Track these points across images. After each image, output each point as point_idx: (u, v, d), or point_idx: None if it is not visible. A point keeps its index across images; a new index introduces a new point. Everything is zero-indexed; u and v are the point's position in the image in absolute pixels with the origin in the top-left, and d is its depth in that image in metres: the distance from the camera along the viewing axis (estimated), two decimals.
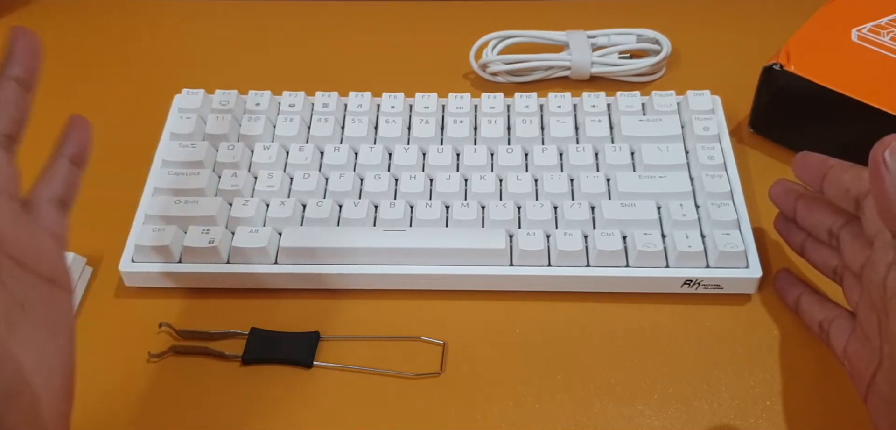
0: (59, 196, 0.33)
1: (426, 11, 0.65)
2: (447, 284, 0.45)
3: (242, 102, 0.53)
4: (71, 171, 0.33)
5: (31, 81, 0.32)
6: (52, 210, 0.32)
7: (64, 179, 0.33)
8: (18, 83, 0.31)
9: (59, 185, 0.33)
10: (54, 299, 0.30)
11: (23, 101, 0.31)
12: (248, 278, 0.45)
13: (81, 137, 0.34)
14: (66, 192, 0.33)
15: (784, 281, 0.45)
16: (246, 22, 0.65)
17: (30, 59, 0.32)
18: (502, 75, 0.58)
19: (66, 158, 0.33)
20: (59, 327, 0.30)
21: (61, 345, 0.30)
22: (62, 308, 0.31)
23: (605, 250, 0.44)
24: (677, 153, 0.49)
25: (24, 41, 0.32)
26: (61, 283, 0.31)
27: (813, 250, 0.42)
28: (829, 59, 0.49)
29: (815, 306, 0.42)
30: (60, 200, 0.33)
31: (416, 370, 0.42)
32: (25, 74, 0.31)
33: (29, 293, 0.29)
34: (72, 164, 0.34)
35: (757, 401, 0.41)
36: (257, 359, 0.43)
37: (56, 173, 0.33)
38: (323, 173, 0.49)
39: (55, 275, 0.31)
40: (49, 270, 0.30)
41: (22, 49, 0.31)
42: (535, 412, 0.41)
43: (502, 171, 0.49)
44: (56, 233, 0.32)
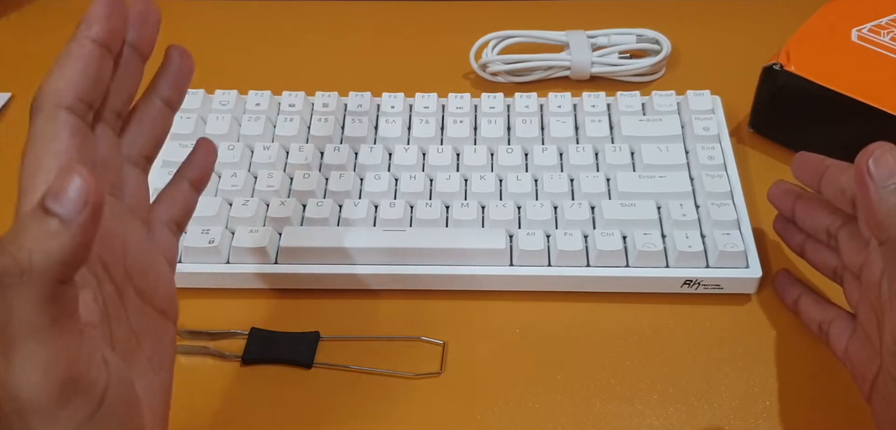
0: (176, 219, 0.32)
1: (426, 11, 0.65)
2: (447, 284, 0.45)
3: (242, 102, 0.53)
4: (190, 195, 0.33)
5: (177, 102, 0.31)
6: (169, 234, 0.32)
7: (183, 203, 0.33)
8: (165, 103, 0.31)
9: (179, 208, 0.32)
10: (163, 332, 0.30)
11: (166, 121, 0.31)
12: (248, 278, 0.45)
13: (205, 161, 0.34)
14: (183, 216, 0.33)
15: (783, 282, 0.45)
16: (246, 22, 0.65)
17: (181, 81, 0.31)
18: (502, 75, 0.58)
19: (187, 181, 0.33)
20: (165, 361, 0.30)
21: (164, 380, 0.29)
22: (168, 341, 0.30)
23: (605, 250, 0.44)
24: (677, 153, 0.49)
25: (179, 61, 0.31)
26: (171, 314, 0.30)
27: (812, 250, 0.42)
28: (829, 59, 0.49)
29: (814, 307, 0.42)
30: (177, 223, 0.32)
31: (416, 370, 0.42)
32: (175, 95, 0.31)
33: (144, 325, 0.28)
34: (191, 188, 0.33)
35: (757, 401, 0.41)
36: (257, 359, 0.43)
37: (177, 196, 0.32)
38: (323, 173, 0.49)
39: (167, 306, 0.30)
40: (163, 300, 0.30)
41: (176, 70, 0.31)
42: (535, 412, 0.41)
43: (502, 171, 0.49)
44: (170, 258, 0.31)
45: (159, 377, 0.29)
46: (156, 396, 0.29)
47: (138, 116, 0.31)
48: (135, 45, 0.29)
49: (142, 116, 0.31)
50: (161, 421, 0.29)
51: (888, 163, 0.33)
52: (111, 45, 0.27)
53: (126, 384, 0.26)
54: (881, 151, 0.33)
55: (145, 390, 0.28)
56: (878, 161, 0.33)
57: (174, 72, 0.31)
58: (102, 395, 0.24)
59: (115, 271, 0.27)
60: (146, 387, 0.28)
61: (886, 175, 0.33)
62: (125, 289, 0.28)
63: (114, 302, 0.27)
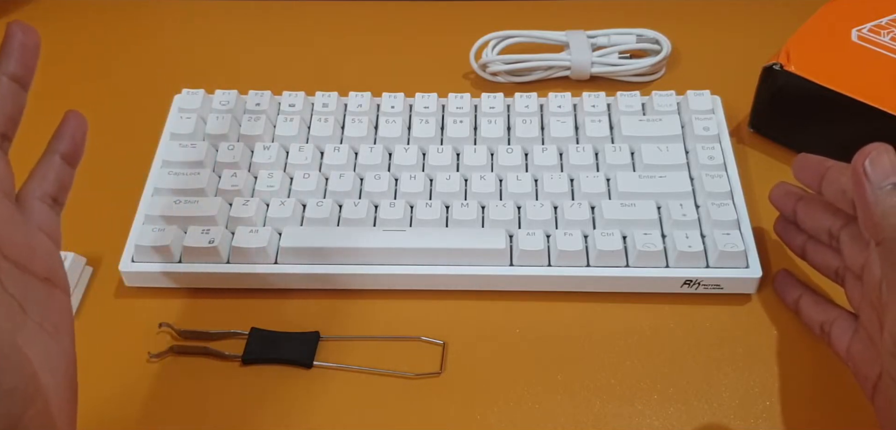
0: (51, 194, 0.32)
1: (426, 11, 0.65)
2: (447, 284, 0.45)
3: (242, 102, 0.53)
4: (63, 169, 0.33)
5: (26, 78, 0.31)
6: (45, 208, 0.32)
7: (56, 177, 0.32)
8: (13, 80, 0.31)
9: (51, 183, 0.32)
10: (52, 299, 0.30)
11: (17, 98, 0.31)
12: (248, 278, 0.45)
13: (75, 134, 0.33)
14: (58, 190, 0.32)
15: (783, 282, 0.45)
16: (246, 22, 0.65)
17: (26, 56, 0.31)
18: (502, 75, 0.58)
19: (58, 156, 0.33)
20: (60, 326, 0.30)
21: (63, 345, 0.30)
22: (61, 308, 0.31)
23: (605, 250, 0.44)
24: (677, 153, 0.49)
25: (21, 37, 0.31)
26: (58, 282, 0.31)
27: (814, 251, 0.42)
28: (829, 59, 0.49)
29: (815, 308, 0.42)
30: (52, 197, 0.32)
31: (416, 369, 0.42)
32: (21, 70, 0.31)
33: (28, 294, 0.29)
34: (64, 161, 0.33)
35: (757, 401, 0.41)
36: (257, 359, 0.43)
37: (48, 171, 0.32)
38: (323, 173, 0.49)
39: (51, 274, 0.30)
40: (45, 269, 0.30)
41: (19, 45, 0.31)
42: (535, 412, 0.41)
43: (502, 171, 0.49)
44: (49, 231, 0.31)
45: (56, 341, 0.30)
46: (55, 359, 0.29)
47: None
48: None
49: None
50: (66, 385, 0.30)
51: (884, 164, 0.33)
52: None
53: (16, 349, 0.26)
54: (877, 151, 0.33)
55: (41, 353, 0.28)
56: (874, 162, 0.33)
57: (17, 47, 0.31)
58: None
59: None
60: (42, 351, 0.28)
61: (882, 176, 0.33)
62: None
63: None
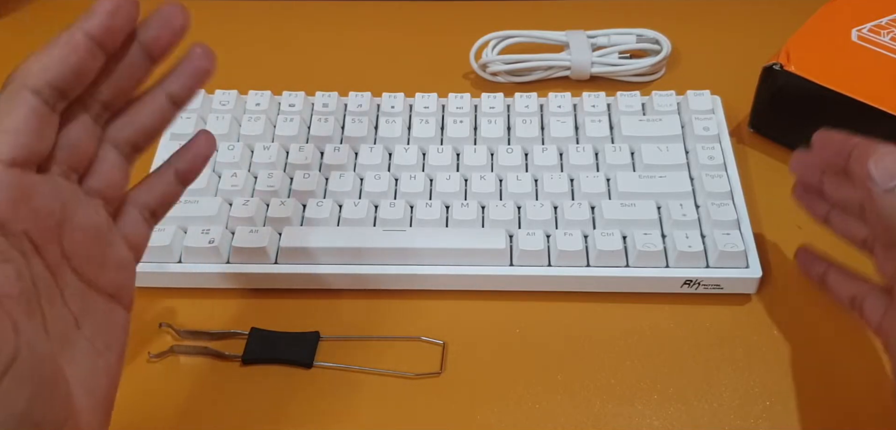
0: (151, 207, 0.31)
1: (426, 11, 0.65)
2: (447, 284, 0.45)
3: (242, 102, 0.53)
4: (172, 185, 0.32)
5: (183, 100, 0.30)
6: (140, 219, 0.31)
7: (163, 191, 0.32)
8: (169, 99, 0.30)
9: (156, 196, 0.32)
10: (112, 316, 0.29)
11: (165, 116, 0.30)
12: (248, 278, 0.45)
13: (199, 155, 0.32)
14: (160, 205, 0.32)
15: (806, 257, 0.42)
16: (246, 22, 0.65)
17: (193, 81, 0.30)
18: (502, 75, 0.58)
19: (173, 170, 0.32)
20: (111, 346, 0.29)
21: (110, 364, 0.29)
22: (117, 326, 0.30)
23: (605, 250, 0.44)
24: (677, 153, 0.49)
25: (197, 61, 0.30)
26: (122, 300, 0.30)
27: (840, 220, 0.39)
28: (829, 59, 0.49)
29: (845, 282, 0.40)
30: (151, 210, 0.32)
31: (416, 369, 0.42)
32: (182, 92, 0.30)
33: (87, 308, 0.28)
34: (176, 178, 0.32)
35: (757, 401, 0.41)
36: (257, 359, 0.43)
37: (157, 183, 0.32)
38: (323, 173, 0.49)
39: (117, 291, 0.30)
40: (112, 284, 0.29)
41: (192, 69, 0.30)
42: (535, 412, 0.41)
43: (502, 171, 0.49)
44: (135, 243, 0.31)
45: (104, 359, 0.29)
46: (97, 378, 0.28)
47: (139, 105, 0.30)
48: (146, 45, 0.28)
49: (142, 105, 0.30)
50: (103, 405, 0.29)
51: (888, 165, 0.33)
52: (105, 43, 0.27)
53: (42, 357, 0.25)
54: (880, 153, 0.33)
55: (85, 371, 0.28)
56: (878, 163, 0.33)
57: (190, 69, 0.30)
58: (7, 364, 0.23)
59: (48, 252, 0.27)
60: (87, 368, 0.28)
61: (887, 177, 0.33)
62: (60, 270, 0.27)
63: (45, 281, 0.27)
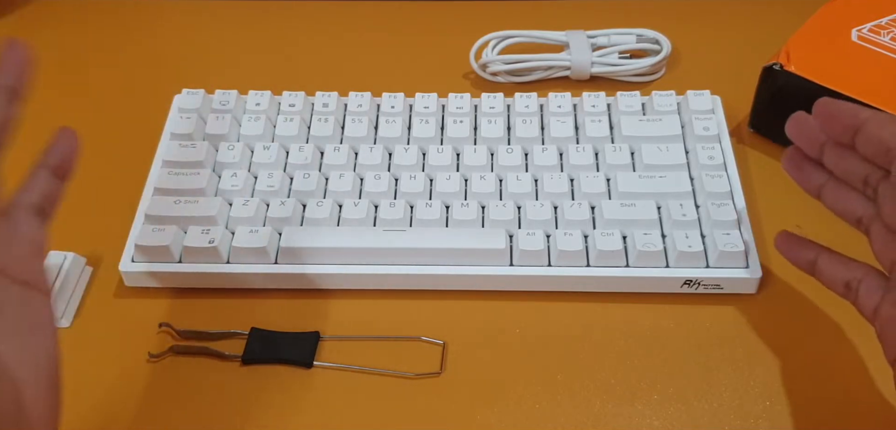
0: (36, 205, 0.33)
1: (426, 11, 0.65)
2: (447, 284, 0.45)
3: (242, 102, 0.53)
4: (51, 182, 0.34)
5: (19, 91, 0.32)
6: (30, 218, 0.33)
7: (43, 189, 0.33)
8: (7, 92, 0.32)
9: (38, 194, 0.33)
10: (29, 301, 0.31)
11: (10, 110, 0.32)
12: (248, 278, 0.45)
13: (65, 150, 0.34)
14: (45, 201, 0.33)
15: (791, 243, 0.40)
16: (246, 22, 0.65)
17: (20, 70, 0.32)
18: (502, 75, 0.58)
19: (47, 169, 0.34)
20: (38, 325, 0.31)
21: (41, 341, 0.31)
22: (39, 309, 0.32)
23: (605, 250, 0.44)
24: (677, 153, 0.49)
25: (15, 52, 0.32)
26: (38, 286, 0.32)
27: (836, 193, 0.37)
28: (829, 59, 0.49)
29: (838, 266, 0.38)
30: (39, 208, 0.33)
31: (416, 369, 0.42)
32: (15, 83, 0.32)
33: (2, 296, 0.30)
34: (53, 175, 0.34)
35: (757, 401, 0.41)
36: (257, 359, 0.43)
37: (36, 183, 0.33)
38: (323, 173, 0.49)
39: (30, 278, 0.31)
40: (23, 274, 0.31)
41: (13, 60, 0.32)
42: (535, 412, 0.41)
43: (502, 171, 0.49)
44: (33, 239, 0.32)
45: (34, 339, 0.31)
46: (30, 354, 0.30)
47: (31, 182, 0.32)
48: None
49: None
50: (46, 380, 0.31)
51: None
52: None
53: None
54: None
55: (17, 350, 0.30)
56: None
57: (11, 62, 0.32)
58: None
59: None
60: (16, 347, 0.30)
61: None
62: None
63: None
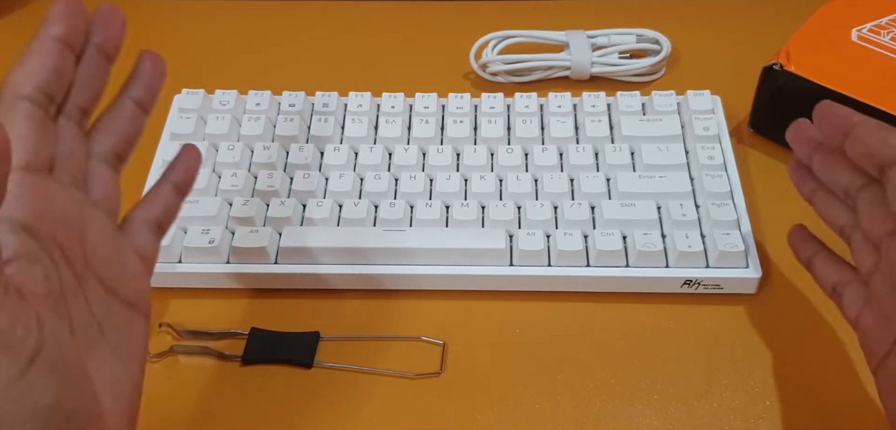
0: (156, 220, 0.33)
1: (426, 11, 0.65)
2: (447, 284, 0.45)
3: (242, 102, 0.53)
4: (173, 197, 0.34)
5: (149, 105, 0.32)
6: (148, 233, 0.32)
7: (165, 204, 0.33)
8: (138, 105, 0.32)
9: (159, 209, 0.33)
10: (132, 325, 0.30)
11: (138, 122, 0.32)
12: (248, 278, 0.45)
13: (189, 167, 0.34)
14: (165, 217, 0.33)
15: (798, 237, 0.41)
16: (246, 22, 0.65)
17: (154, 84, 0.32)
18: (502, 75, 0.58)
19: (170, 184, 0.34)
20: (133, 353, 0.30)
21: (132, 371, 0.30)
22: (137, 334, 0.31)
23: (605, 250, 0.44)
24: (677, 153, 0.49)
25: (150, 65, 0.32)
26: (141, 308, 0.31)
27: (823, 202, 0.39)
28: (829, 59, 0.49)
29: (830, 268, 0.39)
30: (158, 224, 0.33)
31: (416, 369, 0.43)
32: (146, 96, 0.32)
33: (110, 316, 0.29)
34: (174, 191, 0.34)
35: (757, 401, 0.41)
36: (257, 359, 0.43)
37: (158, 198, 0.33)
38: (323, 173, 0.49)
39: (136, 299, 0.31)
40: (131, 293, 0.30)
41: (147, 72, 0.32)
42: (535, 412, 0.41)
43: (502, 171, 0.49)
44: (146, 256, 0.32)
45: (127, 368, 0.29)
46: (121, 386, 0.29)
47: (109, 115, 0.32)
48: (100, 47, 0.30)
49: (112, 115, 0.32)
50: (128, 413, 0.29)
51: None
52: (72, 43, 0.28)
53: (67, 353, 0.26)
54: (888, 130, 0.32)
55: (110, 377, 0.28)
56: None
57: (147, 74, 0.32)
58: (32, 355, 0.24)
59: (74, 257, 0.28)
60: (110, 375, 0.28)
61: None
62: (85, 277, 0.28)
63: (72, 286, 0.27)
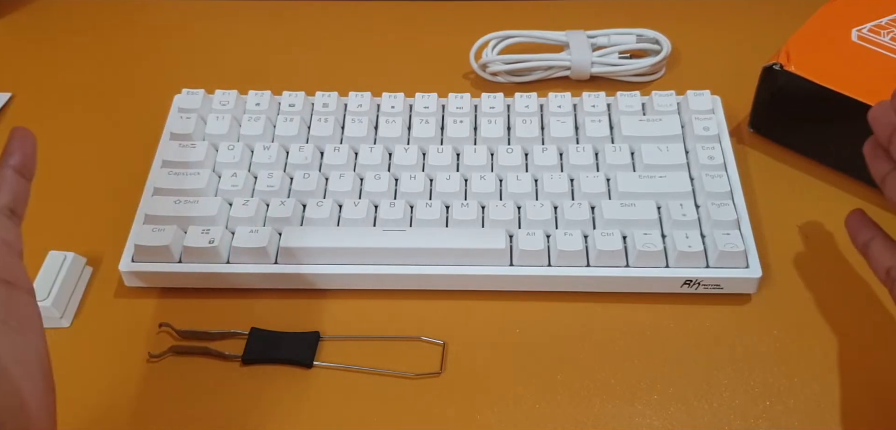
0: (7, 206, 0.34)
1: (426, 11, 0.65)
2: (447, 284, 0.45)
3: (242, 102, 0.53)
4: (17, 181, 0.34)
5: (28, 169, 0.34)
6: (3, 219, 0.33)
7: (10, 189, 0.34)
8: (18, 172, 0.34)
9: (7, 195, 0.34)
10: (14, 301, 0.32)
11: (22, 186, 0.34)
12: (248, 278, 0.45)
13: (24, 147, 0.35)
14: (14, 201, 0.34)
15: (856, 222, 0.41)
16: (246, 22, 0.65)
17: (25, 151, 0.34)
18: (502, 75, 0.58)
19: (10, 169, 0.34)
20: (26, 325, 0.32)
21: (31, 340, 0.31)
22: (24, 308, 0.32)
23: (605, 250, 0.44)
24: (677, 153, 0.49)
25: (20, 138, 0.34)
26: (20, 285, 0.32)
27: (894, 186, 0.38)
28: (829, 59, 0.49)
29: (886, 253, 0.39)
30: (10, 209, 0.34)
31: (416, 369, 0.43)
32: (22, 163, 0.34)
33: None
34: (17, 174, 0.35)
35: (757, 401, 0.41)
36: (257, 359, 0.43)
37: (2, 184, 0.34)
38: (323, 173, 0.49)
39: (10, 277, 0.32)
40: (4, 272, 0.32)
41: (18, 143, 0.34)
42: (535, 412, 0.41)
43: (502, 171, 0.49)
44: (7, 240, 0.33)
45: (22, 336, 0.31)
46: (22, 352, 0.31)
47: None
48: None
49: None
50: (38, 376, 0.31)
51: None
52: None
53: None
54: None
55: (7, 348, 0.30)
56: None
57: (17, 144, 0.34)
58: None
59: None
60: (8, 346, 0.30)
61: None
62: None
63: None
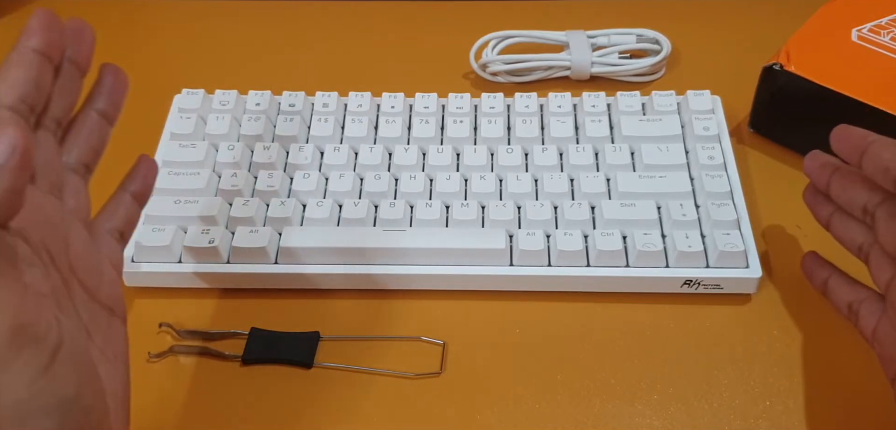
0: (119, 229, 0.34)
1: (426, 11, 0.65)
2: (447, 284, 0.45)
3: (242, 102, 0.53)
4: (132, 207, 0.35)
5: (113, 115, 0.33)
6: (112, 242, 0.34)
7: (125, 214, 0.35)
8: (101, 116, 0.33)
9: (121, 218, 0.35)
10: (113, 328, 0.32)
11: (102, 132, 0.33)
12: (248, 278, 0.45)
13: (147, 176, 0.36)
14: (126, 226, 0.35)
15: (812, 263, 0.43)
16: (246, 22, 0.65)
17: (117, 96, 0.33)
18: (502, 75, 0.58)
19: (129, 194, 0.35)
20: (119, 356, 0.31)
21: (120, 372, 0.31)
22: (119, 337, 0.32)
23: (605, 250, 0.44)
24: (677, 153, 0.49)
25: (112, 78, 0.33)
26: (119, 312, 0.32)
27: (840, 224, 0.40)
28: (829, 59, 0.49)
29: (845, 288, 0.40)
30: (120, 232, 0.34)
31: (416, 369, 0.43)
32: (110, 108, 0.33)
33: (94, 321, 0.30)
34: (134, 200, 0.35)
35: (757, 401, 0.41)
36: (257, 359, 0.43)
37: (119, 207, 0.35)
38: (323, 173, 0.49)
39: (114, 304, 0.32)
40: (109, 298, 0.32)
41: (110, 85, 0.33)
42: (535, 412, 0.41)
43: (502, 171, 0.49)
44: (114, 263, 0.33)
45: (114, 368, 0.31)
46: (114, 386, 0.30)
47: (76, 127, 0.32)
48: (73, 60, 0.31)
49: (79, 127, 0.32)
50: (122, 417, 0.31)
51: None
52: (50, 56, 0.28)
53: (81, 346, 0.27)
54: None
55: (107, 380, 0.29)
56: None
57: (108, 87, 0.33)
58: (55, 349, 0.25)
59: (60, 263, 0.29)
60: (104, 376, 0.29)
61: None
62: (71, 282, 0.29)
63: (61, 291, 0.28)
